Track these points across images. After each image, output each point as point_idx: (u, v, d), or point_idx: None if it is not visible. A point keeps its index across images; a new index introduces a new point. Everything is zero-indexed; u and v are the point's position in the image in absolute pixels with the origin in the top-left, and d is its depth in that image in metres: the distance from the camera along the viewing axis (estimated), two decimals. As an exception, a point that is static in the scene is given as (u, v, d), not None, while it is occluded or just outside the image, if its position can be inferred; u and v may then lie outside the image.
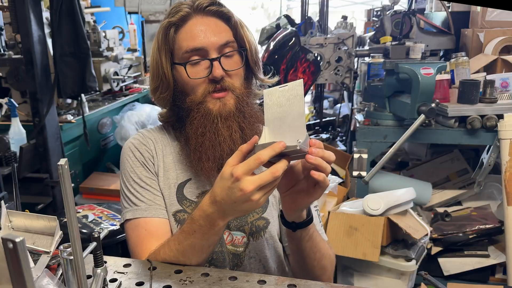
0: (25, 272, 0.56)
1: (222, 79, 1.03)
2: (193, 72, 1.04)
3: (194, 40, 1.03)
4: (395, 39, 2.68)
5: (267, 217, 1.11)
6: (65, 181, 0.65)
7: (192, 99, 1.06)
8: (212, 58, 1.02)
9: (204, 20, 1.04)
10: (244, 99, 1.06)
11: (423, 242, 2.13)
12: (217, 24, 1.05)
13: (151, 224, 1.07)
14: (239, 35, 1.06)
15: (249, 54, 1.07)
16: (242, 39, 1.06)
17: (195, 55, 1.03)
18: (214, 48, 1.03)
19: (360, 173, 2.32)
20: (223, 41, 1.03)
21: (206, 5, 1.04)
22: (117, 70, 3.19)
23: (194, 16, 1.04)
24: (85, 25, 2.39)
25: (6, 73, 2.39)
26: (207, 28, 1.03)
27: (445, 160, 2.68)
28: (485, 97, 2.16)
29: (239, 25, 1.06)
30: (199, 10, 1.04)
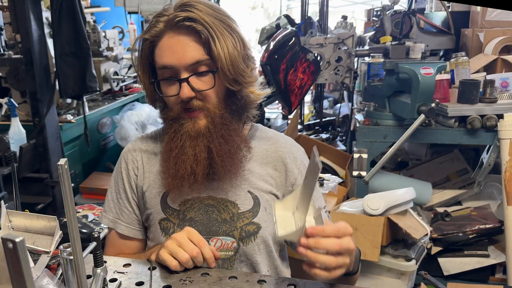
0: (25, 272, 0.56)
1: (192, 99, 1.01)
2: (166, 89, 1.04)
3: (165, 58, 1.01)
4: (395, 39, 2.68)
5: (258, 222, 1.10)
6: (65, 181, 0.65)
7: (167, 114, 1.07)
8: (180, 79, 1.00)
9: (176, 37, 1.00)
10: (218, 120, 1.03)
11: (423, 242, 2.13)
12: (189, 42, 0.99)
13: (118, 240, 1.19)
14: (213, 52, 0.98)
15: (224, 72, 1.00)
16: (215, 56, 0.99)
17: (167, 73, 1.02)
18: (183, 67, 1.00)
19: (360, 173, 2.32)
20: (193, 61, 0.99)
21: (179, 20, 0.98)
22: (117, 70, 3.19)
23: (167, 33, 1.01)
24: (85, 24, 2.38)
25: (6, 73, 2.39)
26: (178, 46, 0.99)
27: (445, 160, 2.68)
28: (485, 97, 2.16)
29: (213, 41, 0.98)
30: (172, 26, 1.00)
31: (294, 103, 2.84)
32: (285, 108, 3.00)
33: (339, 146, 3.48)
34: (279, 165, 1.15)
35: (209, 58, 1.00)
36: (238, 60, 1.01)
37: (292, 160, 1.16)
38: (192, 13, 0.98)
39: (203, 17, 0.98)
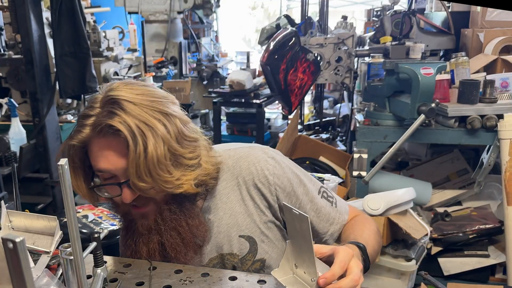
0: (25, 272, 0.56)
1: (136, 198, 0.97)
2: (109, 189, 0.99)
3: (100, 163, 0.95)
4: (395, 39, 2.68)
5: (261, 258, 1.09)
6: (65, 181, 0.65)
7: (117, 210, 1.06)
8: (120, 183, 0.95)
9: (104, 142, 0.93)
10: (166, 214, 1.01)
11: (423, 242, 2.13)
12: (117, 147, 0.93)
13: None
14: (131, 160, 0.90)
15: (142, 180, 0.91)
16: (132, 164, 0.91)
17: (105, 175, 0.97)
18: (119, 171, 0.94)
19: (360, 173, 2.32)
20: (126, 166, 0.93)
21: (103, 127, 0.91)
22: (117, 70, 3.19)
23: (94, 138, 0.94)
24: (85, 25, 2.38)
25: (6, 73, 2.39)
26: (108, 152, 0.94)
27: (445, 160, 2.68)
28: (485, 97, 2.16)
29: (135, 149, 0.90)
30: (98, 131, 0.92)
31: (294, 103, 2.84)
32: (285, 108, 3.01)
33: (339, 146, 3.49)
34: (253, 192, 1.08)
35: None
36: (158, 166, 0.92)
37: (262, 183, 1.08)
38: (115, 119, 0.90)
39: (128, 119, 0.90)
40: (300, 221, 0.78)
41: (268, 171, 1.07)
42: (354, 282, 0.80)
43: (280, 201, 1.08)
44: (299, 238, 0.81)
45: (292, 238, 0.85)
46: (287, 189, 1.08)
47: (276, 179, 1.07)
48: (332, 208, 1.14)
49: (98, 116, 0.93)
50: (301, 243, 0.81)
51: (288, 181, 1.08)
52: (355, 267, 0.82)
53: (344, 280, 0.80)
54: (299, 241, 0.82)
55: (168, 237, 1.01)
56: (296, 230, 0.81)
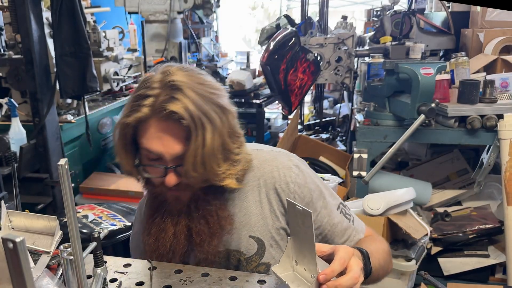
0: (25, 272, 0.56)
1: (177, 184, 0.98)
2: (151, 170, 1.00)
3: (152, 143, 0.96)
4: (395, 39, 2.68)
5: (266, 261, 1.09)
6: (65, 181, 0.65)
7: (151, 189, 1.06)
8: (167, 167, 0.97)
9: (163, 126, 0.94)
10: (201, 202, 1.02)
11: (423, 242, 2.13)
12: (175, 133, 0.94)
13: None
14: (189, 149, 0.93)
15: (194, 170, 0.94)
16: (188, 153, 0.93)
17: (153, 155, 0.98)
18: (169, 156, 0.96)
19: (360, 173, 2.32)
20: (180, 153, 0.94)
21: (167, 113, 0.92)
22: (117, 70, 3.19)
23: (153, 118, 0.94)
24: (86, 25, 2.38)
25: (6, 73, 2.39)
26: (164, 136, 0.94)
27: (445, 160, 2.68)
28: (485, 97, 2.16)
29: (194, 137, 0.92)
30: (158, 113, 0.93)
31: (294, 103, 2.84)
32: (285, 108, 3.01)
33: (339, 146, 3.49)
34: (272, 196, 1.09)
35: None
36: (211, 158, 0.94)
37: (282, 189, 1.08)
38: (178, 104, 0.91)
39: (192, 108, 0.91)
40: (303, 217, 0.78)
41: (290, 178, 1.08)
42: (354, 280, 0.80)
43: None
44: (301, 235, 0.81)
45: (294, 235, 0.85)
46: (306, 199, 1.08)
47: (297, 187, 1.07)
48: (349, 225, 1.13)
49: (157, 98, 0.93)
50: (302, 240, 0.81)
51: (308, 191, 1.08)
52: (355, 265, 0.82)
53: (344, 277, 0.80)
54: (301, 238, 0.82)
55: (197, 223, 1.02)
56: (298, 227, 0.81)
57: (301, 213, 0.78)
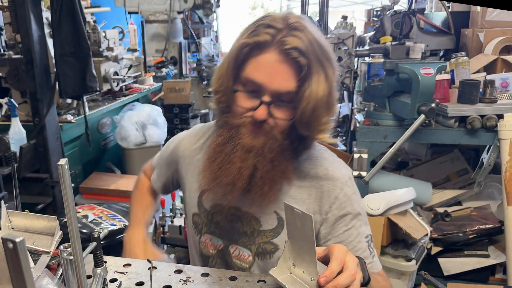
0: (25, 272, 0.56)
1: (264, 121, 0.99)
2: (242, 100, 1.01)
3: (258, 73, 0.97)
4: (395, 39, 2.67)
5: (277, 243, 1.08)
6: (65, 181, 0.65)
7: (230, 118, 1.04)
8: (263, 100, 0.97)
9: (278, 59, 0.95)
10: (274, 147, 1.00)
11: (423, 242, 2.13)
12: (287, 70, 0.95)
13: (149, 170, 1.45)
14: (302, 90, 0.95)
15: (299, 113, 0.97)
16: (302, 95, 0.96)
17: (251, 86, 0.99)
18: (270, 91, 0.97)
19: (360, 173, 2.32)
20: (283, 90, 0.96)
21: (288, 47, 0.93)
22: (117, 70, 3.19)
23: (271, 49, 0.95)
24: (86, 25, 2.38)
25: (6, 73, 2.38)
26: (275, 70, 0.95)
27: (445, 160, 2.68)
28: (485, 97, 2.16)
29: (310, 81, 0.95)
30: (279, 46, 0.94)
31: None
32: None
33: (339, 146, 3.48)
34: (315, 192, 1.08)
35: (297, 93, 0.97)
36: (321, 107, 0.97)
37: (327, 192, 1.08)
38: (302, 43, 0.93)
39: (310, 52, 0.94)
40: (303, 220, 0.78)
41: (341, 183, 1.08)
42: (351, 277, 0.79)
43: (328, 215, 1.07)
44: (300, 238, 0.81)
45: (291, 238, 0.85)
46: (343, 210, 1.06)
47: (343, 196, 1.07)
48: (368, 257, 1.10)
49: (280, 31, 0.94)
50: (301, 243, 0.81)
51: (350, 205, 1.07)
52: (351, 262, 0.82)
53: (341, 276, 0.79)
54: (300, 241, 0.82)
55: (263, 165, 1.00)
56: (297, 230, 0.81)
57: (301, 216, 0.78)
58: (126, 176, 3.04)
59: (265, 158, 1.00)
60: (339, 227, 1.07)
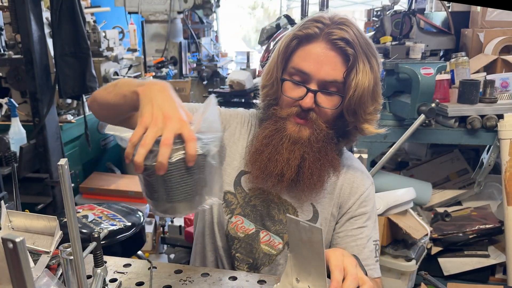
0: (25, 272, 0.56)
1: (310, 110, 1.03)
2: (289, 90, 1.04)
3: (305, 62, 1.01)
4: (395, 39, 2.67)
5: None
6: (65, 181, 0.65)
7: (277, 110, 1.07)
8: (310, 88, 1.01)
9: (326, 49, 1.00)
10: (320, 137, 1.04)
11: (423, 242, 2.13)
12: (335, 60, 1.00)
13: None
14: (349, 79, 1.00)
15: (347, 101, 1.02)
16: (349, 83, 1.00)
17: (298, 76, 1.03)
18: (317, 79, 1.01)
19: (360, 173, 2.32)
20: (330, 79, 1.00)
21: (335, 38, 0.99)
22: (117, 70, 3.19)
23: (319, 41, 1.01)
24: (85, 25, 2.38)
25: (6, 73, 2.39)
26: (322, 59, 1.00)
27: (445, 160, 2.68)
28: (485, 97, 2.16)
29: (356, 71, 1.00)
30: (327, 37, 1.00)
31: (294, 103, 2.83)
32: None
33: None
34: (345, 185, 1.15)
35: (343, 82, 1.01)
36: (367, 96, 1.02)
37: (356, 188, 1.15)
38: (348, 35, 0.99)
39: (356, 43, 0.99)
40: (311, 233, 0.75)
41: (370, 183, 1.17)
42: (355, 281, 0.80)
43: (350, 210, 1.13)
44: (306, 251, 0.79)
45: (295, 251, 0.82)
46: (364, 208, 1.13)
47: (367, 194, 1.14)
48: (373, 260, 1.13)
49: (327, 26, 1.01)
50: (308, 256, 0.79)
51: (371, 206, 1.14)
52: (350, 265, 0.82)
53: (345, 283, 0.79)
54: (305, 254, 0.79)
55: (311, 156, 1.04)
56: (302, 243, 0.78)
57: (308, 229, 0.76)
58: (126, 176, 3.04)
59: (312, 149, 1.04)
60: (356, 223, 1.12)
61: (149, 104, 0.80)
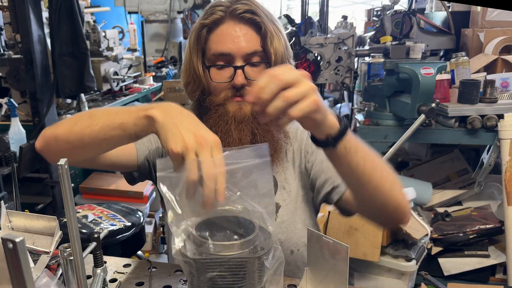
0: (25, 272, 0.56)
1: (243, 86, 1.04)
2: (217, 76, 1.06)
3: (222, 45, 1.04)
4: (395, 39, 2.67)
5: (276, 202, 1.12)
6: (65, 181, 0.65)
7: (212, 99, 1.08)
8: (236, 66, 1.03)
9: (236, 26, 1.04)
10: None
11: (423, 242, 2.13)
12: (248, 32, 1.04)
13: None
14: (267, 45, 1.04)
15: (272, 65, 1.05)
16: (268, 49, 1.05)
17: (221, 60, 1.05)
18: (240, 55, 1.03)
19: (360, 173, 2.31)
20: (250, 50, 1.04)
21: (240, 12, 1.03)
22: (117, 70, 3.19)
23: (227, 21, 1.04)
24: (84, 25, 2.38)
25: (6, 73, 2.38)
26: (236, 35, 1.03)
27: (445, 160, 2.68)
28: (485, 97, 2.16)
29: (270, 36, 1.04)
30: (232, 15, 1.04)
31: (294, 103, 2.83)
32: (285, 108, 3.00)
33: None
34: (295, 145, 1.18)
35: (263, 50, 1.05)
36: (284, 58, 1.07)
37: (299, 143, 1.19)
38: (251, 7, 1.04)
39: (261, 11, 1.04)
40: (335, 250, 0.72)
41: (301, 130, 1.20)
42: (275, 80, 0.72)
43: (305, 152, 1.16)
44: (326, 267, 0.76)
45: (313, 266, 0.80)
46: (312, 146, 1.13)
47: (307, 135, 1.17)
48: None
49: (230, 5, 1.04)
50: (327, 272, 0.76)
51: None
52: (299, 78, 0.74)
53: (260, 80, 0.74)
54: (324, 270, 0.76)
55: (260, 130, 1.06)
56: (323, 258, 0.76)
57: (331, 245, 0.73)
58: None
59: (258, 122, 1.05)
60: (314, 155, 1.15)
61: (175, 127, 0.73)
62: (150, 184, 2.84)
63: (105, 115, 0.85)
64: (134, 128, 0.80)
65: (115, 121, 0.82)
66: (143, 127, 0.79)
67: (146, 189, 2.79)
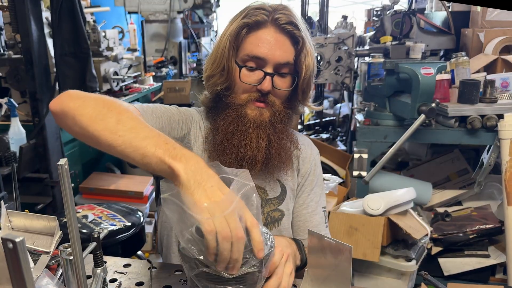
0: (25, 272, 0.56)
1: (268, 93, 1.07)
2: (246, 77, 1.08)
3: (259, 48, 1.06)
4: (395, 39, 2.67)
5: (282, 209, 1.16)
6: (65, 181, 0.65)
7: (234, 98, 1.10)
8: (267, 72, 1.06)
9: (276, 34, 1.06)
10: (280, 116, 1.10)
11: (423, 242, 2.12)
12: (285, 43, 1.07)
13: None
14: (300, 60, 1.07)
15: (301, 81, 1.09)
16: (301, 64, 1.08)
17: (253, 62, 1.07)
18: (273, 63, 1.06)
19: (360, 173, 2.32)
20: (284, 61, 1.06)
21: (283, 22, 1.06)
22: (117, 70, 3.18)
23: (268, 26, 1.07)
24: (85, 24, 2.38)
25: (6, 73, 2.38)
26: (275, 43, 1.06)
27: (445, 160, 2.68)
28: (485, 97, 2.16)
29: (305, 52, 1.07)
30: (275, 23, 1.06)
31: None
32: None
33: (339, 146, 3.48)
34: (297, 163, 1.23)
35: (294, 63, 1.08)
36: (313, 75, 1.11)
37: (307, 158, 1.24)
38: (294, 19, 1.06)
39: (302, 26, 1.08)
40: (337, 250, 0.73)
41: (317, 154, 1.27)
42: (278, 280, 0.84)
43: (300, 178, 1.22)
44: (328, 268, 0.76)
45: (314, 267, 0.80)
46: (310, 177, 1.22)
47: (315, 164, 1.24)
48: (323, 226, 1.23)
49: (272, 12, 1.07)
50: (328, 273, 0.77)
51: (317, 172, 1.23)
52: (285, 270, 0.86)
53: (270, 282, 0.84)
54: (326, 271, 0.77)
55: (276, 137, 1.10)
56: (325, 259, 0.76)
57: (334, 246, 0.74)
58: (126, 176, 3.03)
59: (275, 130, 1.09)
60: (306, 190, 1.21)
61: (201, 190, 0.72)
62: (150, 184, 2.84)
63: (132, 131, 0.80)
64: (154, 167, 0.78)
65: (138, 149, 0.79)
66: (164, 174, 0.78)
67: (146, 189, 2.79)
